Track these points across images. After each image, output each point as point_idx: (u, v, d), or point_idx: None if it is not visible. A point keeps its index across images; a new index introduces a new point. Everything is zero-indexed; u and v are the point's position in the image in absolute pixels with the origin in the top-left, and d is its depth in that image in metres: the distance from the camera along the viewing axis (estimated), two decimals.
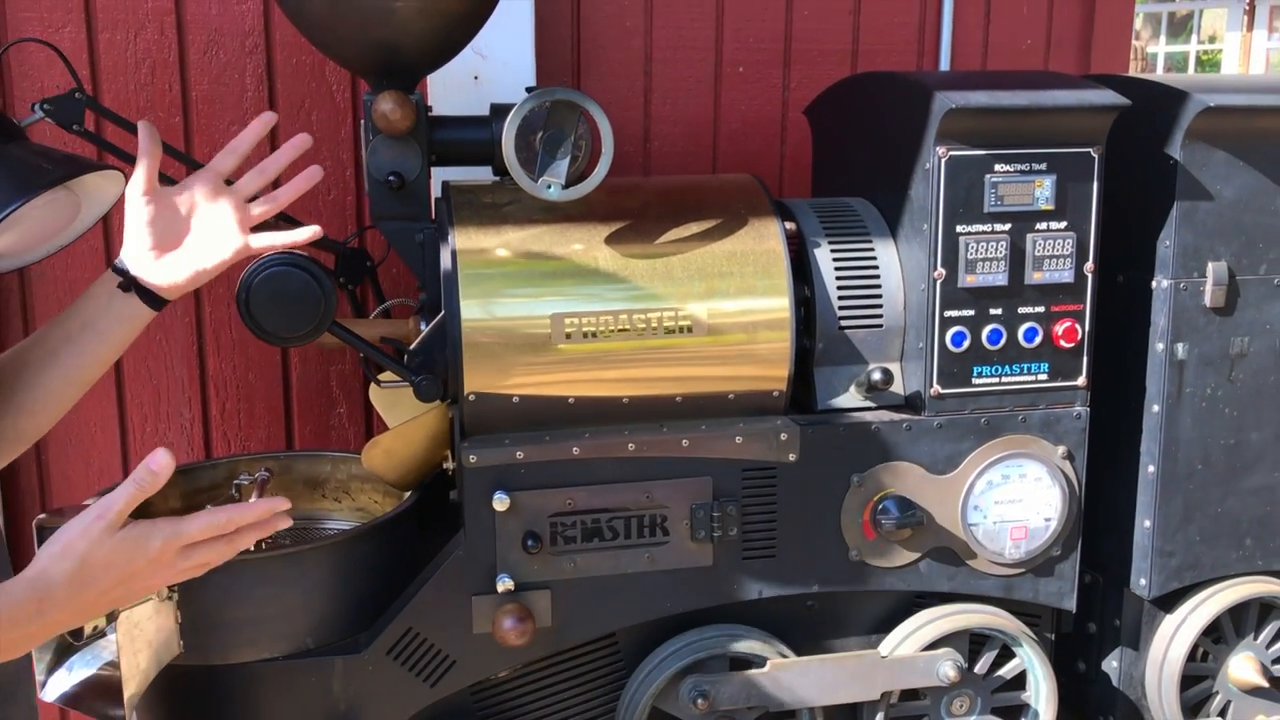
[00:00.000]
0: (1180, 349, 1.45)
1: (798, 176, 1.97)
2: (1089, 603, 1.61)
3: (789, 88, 2.00)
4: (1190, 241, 1.42)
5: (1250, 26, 10.83)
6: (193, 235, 1.15)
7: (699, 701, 1.36)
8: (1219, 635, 1.55)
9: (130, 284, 1.17)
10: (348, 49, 1.32)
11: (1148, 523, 1.49)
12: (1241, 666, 1.54)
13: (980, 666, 1.47)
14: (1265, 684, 1.54)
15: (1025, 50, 2.09)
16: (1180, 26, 11.29)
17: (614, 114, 1.89)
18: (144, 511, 1.44)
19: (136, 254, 1.16)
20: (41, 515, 1.18)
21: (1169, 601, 1.53)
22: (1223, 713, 1.56)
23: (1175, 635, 1.52)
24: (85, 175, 1.31)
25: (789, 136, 1.99)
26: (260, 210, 1.17)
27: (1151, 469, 1.48)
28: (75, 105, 1.41)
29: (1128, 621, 1.56)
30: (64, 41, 1.69)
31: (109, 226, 1.72)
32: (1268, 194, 1.43)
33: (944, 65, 2.05)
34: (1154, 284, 1.45)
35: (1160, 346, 1.45)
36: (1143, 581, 1.51)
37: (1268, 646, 1.56)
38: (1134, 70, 9.17)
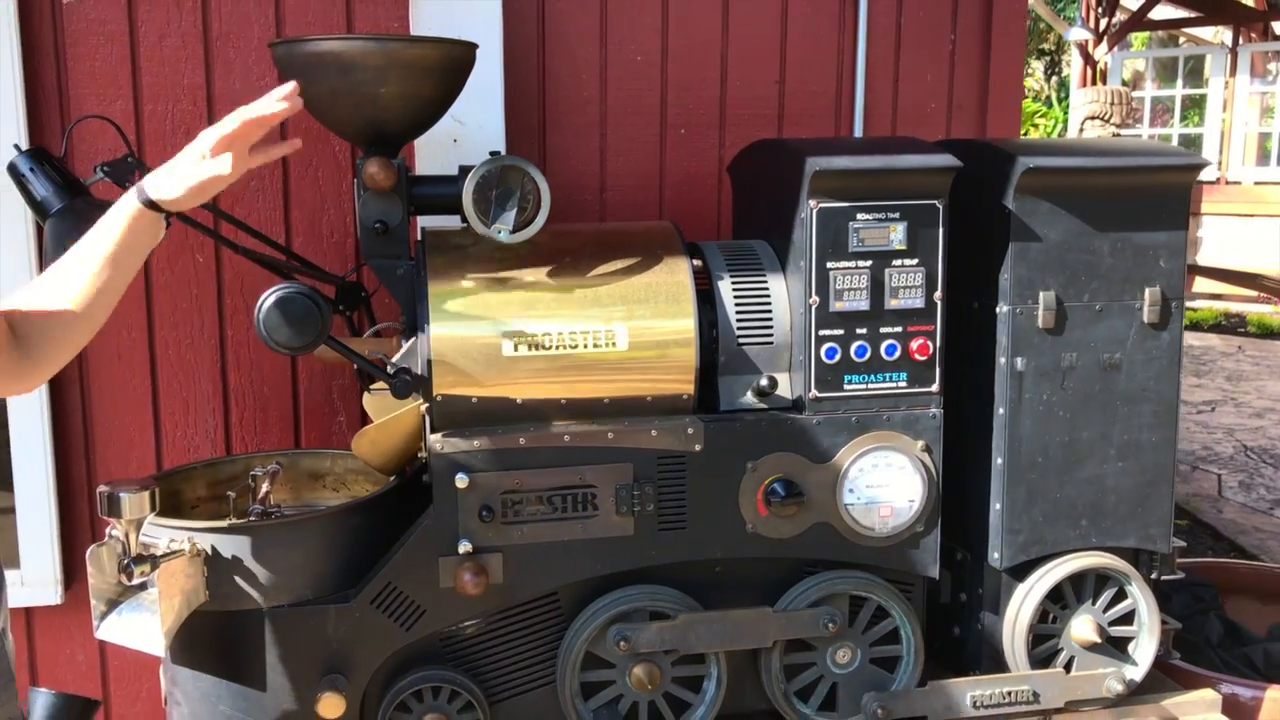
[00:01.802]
0: (1019, 362, 1.77)
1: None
2: (960, 577, 1.93)
3: (724, 146, 2.34)
4: (1024, 275, 1.75)
5: (1234, 71, 11.20)
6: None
7: (622, 644, 1.68)
8: (1064, 602, 1.86)
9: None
10: (343, 125, 1.68)
11: (998, 506, 1.81)
12: (1082, 627, 1.85)
13: (859, 623, 1.79)
14: (1101, 641, 1.85)
15: (930, 113, 2.43)
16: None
17: (574, 168, 2.27)
18: (176, 502, 1.78)
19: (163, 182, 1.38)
20: (102, 486, 1.50)
21: (1020, 572, 1.84)
22: (1067, 666, 1.87)
23: (1024, 600, 1.83)
24: None
25: (724, 188, 2.33)
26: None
27: (1000, 461, 1.80)
28: (128, 167, 1.77)
29: (989, 590, 1.87)
30: (115, 113, 2.04)
31: (148, 265, 2.07)
32: (1086, 237, 1.76)
33: (858, 127, 2.39)
34: (998, 309, 1.78)
35: (1003, 360, 1.78)
36: (996, 555, 1.83)
37: (1104, 610, 1.87)
38: (1117, 114, 9.43)
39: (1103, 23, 11.82)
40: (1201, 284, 9.86)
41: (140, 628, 1.58)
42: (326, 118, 1.69)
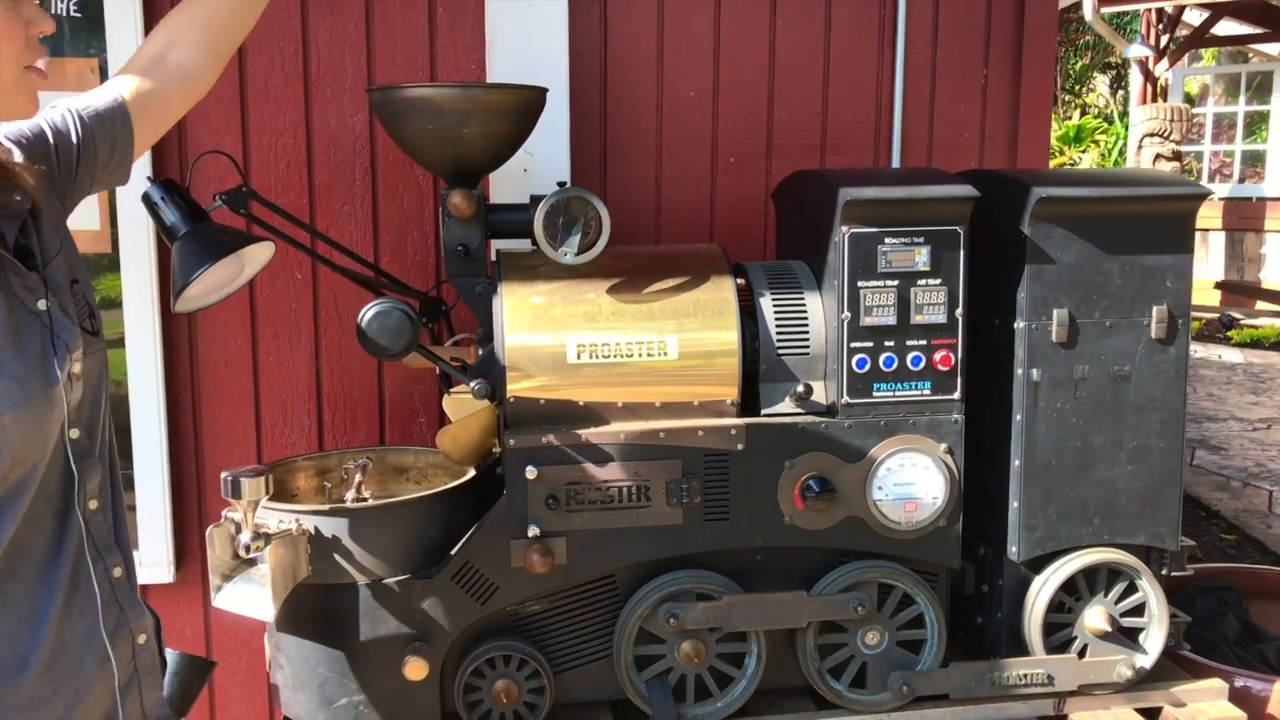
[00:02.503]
0: (1035, 373, 1.95)
1: None
2: (982, 569, 2.10)
3: (770, 173, 2.54)
4: (1039, 294, 1.93)
5: None
6: None
7: (671, 621, 1.88)
8: (1078, 594, 2.03)
9: None
10: (430, 160, 1.91)
11: (1016, 504, 1.98)
12: (1094, 617, 2.01)
13: (886, 608, 1.97)
14: (1112, 631, 2.01)
15: (963, 143, 2.61)
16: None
17: (632, 194, 2.48)
18: (281, 489, 2.02)
19: None
20: (225, 472, 1.74)
21: (1036, 566, 2.01)
22: (1081, 653, 2.03)
23: (1040, 591, 2.00)
24: (249, 246, 1.92)
25: (769, 211, 2.53)
26: None
27: (1017, 463, 1.98)
28: (242, 196, 2.01)
29: (1008, 582, 2.04)
30: (226, 146, 2.31)
31: (253, 281, 2.32)
32: (1096, 259, 1.93)
33: (895, 156, 2.57)
34: (1015, 325, 1.96)
35: (1020, 371, 1.95)
36: (1014, 549, 2.00)
37: (1116, 602, 2.03)
38: (1177, 131, 9.43)
39: (1163, 40, 11.80)
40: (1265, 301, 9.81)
41: (251, 598, 1.80)
42: (415, 154, 1.93)
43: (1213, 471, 6.04)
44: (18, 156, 1.23)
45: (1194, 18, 11.70)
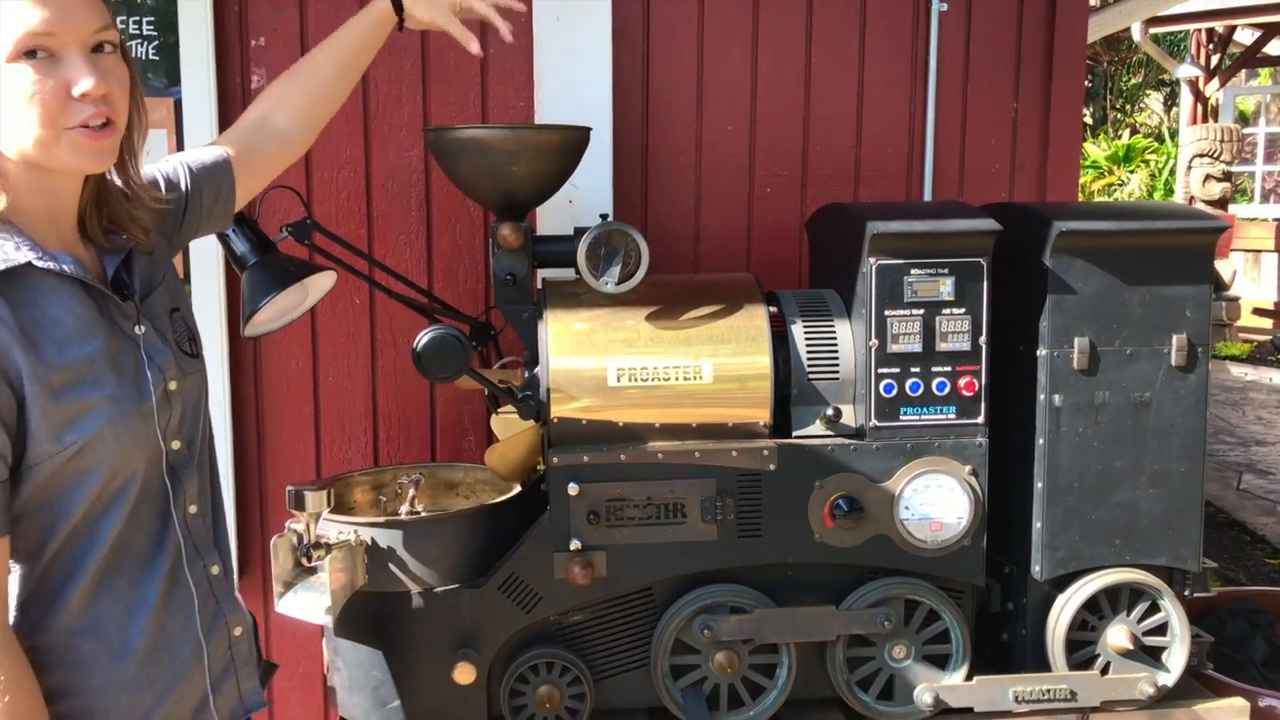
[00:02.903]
0: (1057, 399, 2.03)
1: None
2: (1007, 588, 2.18)
3: (805, 204, 2.64)
4: (1061, 323, 2.01)
5: None
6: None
7: (706, 633, 1.98)
8: (1101, 612, 2.09)
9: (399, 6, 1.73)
10: (481, 194, 2.04)
11: (1039, 525, 2.06)
12: (1117, 635, 2.08)
13: (913, 624, 2.05)
14: (1134, 649, 2.07)
15: (994, 174, 2.70)
16: None
17: (671, 224, 2.60)
18: (339, 503, 2.14)
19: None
20: (290, 486, 1.87)
21: (1060, 585, 2.08)
22: (1104, 670, 2.10)
23: (1063, 609, 2.07)
24: (313, 275, 2.06)
25: (804, 241, 2.63)
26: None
27: (1040, 485, 2.05)
28: (306, 228, 2.15)
29: (1032, 600, 2.11)
30: (292, 180, 2.45)
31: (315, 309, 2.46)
32: (1117, 290, 2.01)
33: (927, 188, 2.66)
34: (1038, 352, 2.04)
35: (1043, 397, 2.03)
36: (1037, 568, 2.07)
37: (1138, 621, 2.10)
38: (1227, 152, 9.38)
39: (1214, 59, 11.73)
40: None
41: (312, 605, 1.93)
42: (467, 189, 2.06)
43: (1259, 496, 6.00)
44: (135, 196, 1.35)
45: (1245, 37, 11.62)
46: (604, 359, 1.97)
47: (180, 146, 2.38)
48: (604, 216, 2.06)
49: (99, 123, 1.22)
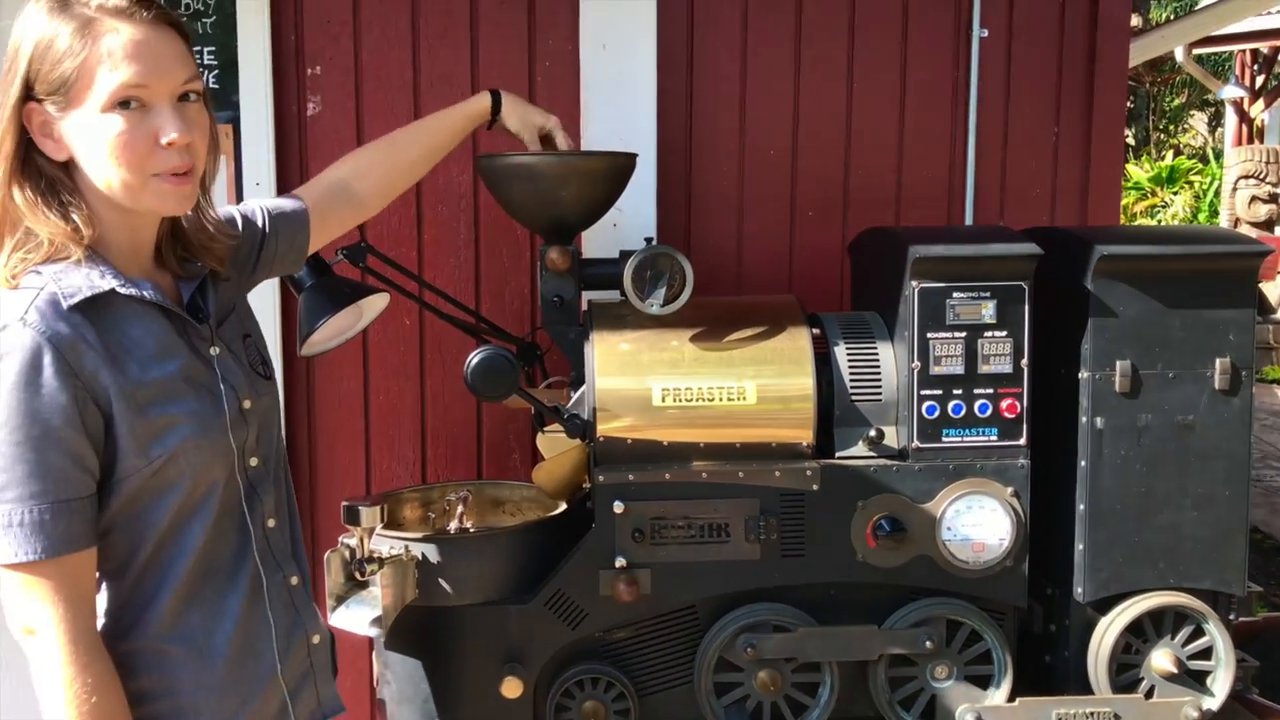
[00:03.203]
0: (1099, 421, 2.04)
1: None
2: (1050, 609, 2.18)
3: (847, 227, 2.66)
4: (1102, 346, 2.02)
5: None
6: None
7: (749, 651, 2.00)
8: (1145, 635, 2.09)
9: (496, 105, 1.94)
10: (530, 219, 2.09)
11: (1081, 546, 2.06)
12: (1161, 659, 2.07)
13: (955, 644, 2.06)
14: (1179, 673, 2.07)
15: (1035, 197, 2.71)
16: None
17: (714, 247, 2.64)
18: (393, 517, 2.19)
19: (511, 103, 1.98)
20: (345, 501, 1.92)
21: (1103, 607, 2.08)
22: (1148, 693, 2.09)
23: (1106, 632, 2.07)
24: (367, 297, 2.12)
25: (846, 264, 2.66)
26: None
27: (1082, 507, 2.06)
28: (360, 251, 2.21)
29: (1075, 622, 2.11)
30: None
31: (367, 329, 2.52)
32: (1158, 313, 2.02)
33: (968, 211, 2.68)
34: (1079, 375, 2.05)
35: (1085, 419, 2.04)
36: (1080, 590, 2.08)
37: (1183, 645, 2.09)
38: (1273, 174, 9.27)
39: (1258, 80, 11.63)
40: None
41: (363, 618, 1.97)
42: (516, 214, 2.11)
43: None
44: (212, 230, 1.44)
45: None
46: (649, 379, 2.01)
47: (239, 172, 2.46)
48: (649, 240, 2.10)
49: (182, 170, 1.30)
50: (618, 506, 1.97)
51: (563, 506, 2.14)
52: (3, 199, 1.23)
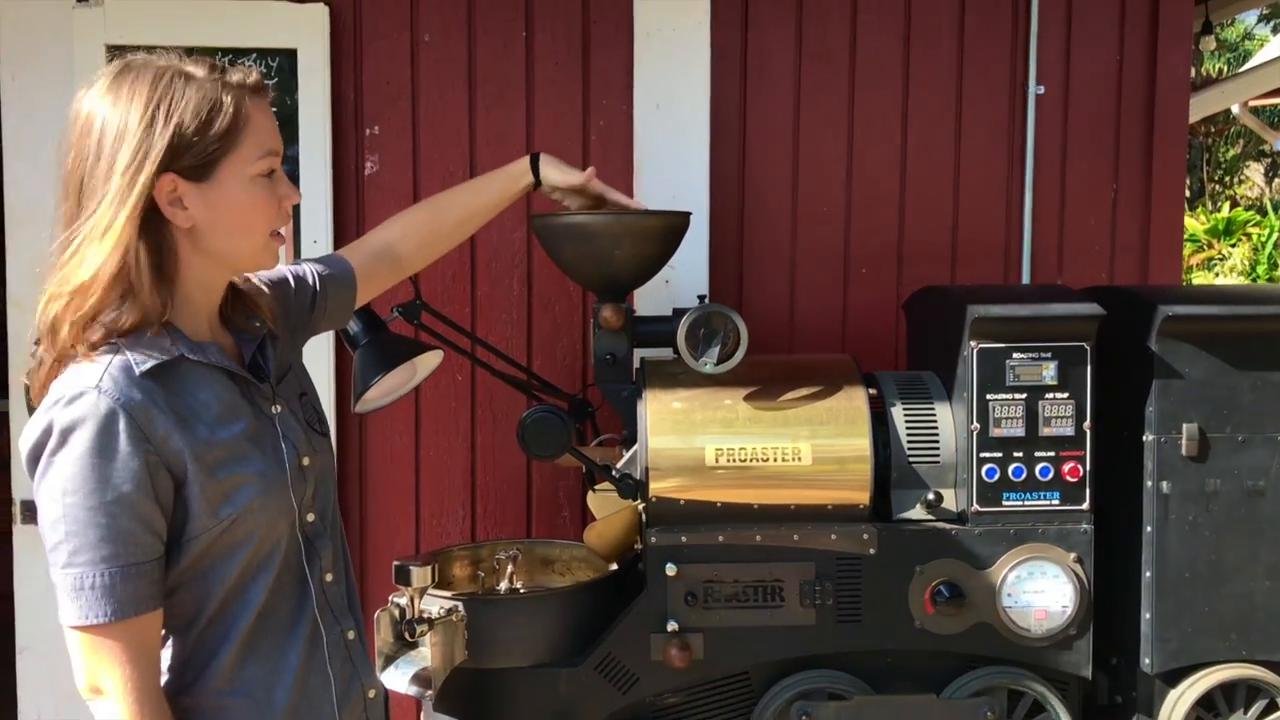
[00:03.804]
0: (1165, 486, 1.98)
1: None
2: (1116, 680, 2.11)
3: (902, 284, 2.64)
4: (1168, 408, 1.97)
5: None
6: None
7: (804, 719, 1.96)
8: (1216, 709, 2.02)
9: (536, 170, 1.93)
10: (583, 278, 2.09)
11: (1148, 615, 2.00)
12: None
13: (1016, 715, 2.00)
14: None
15: (1093, 255, 2.67)
16: None
17: (767, 303, 2.63)
18: (442, 575, 2.18)
19: (549, 162, 1.95)
20: (396, 561, 1.92)
21: (1172, 678, 2.01)
22: None
23: (1176, 705, 1.99)
24: (421, 354, 2.13)
25: (901, 320, 2.63)
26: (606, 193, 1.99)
27: (1148, 574, 2.00)
28: (415, 309, 2.23)
29: (1142, 695, 2.04)
30: None
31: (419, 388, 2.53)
32: (1226, 374, 1.97)
33: (1025, 268, 2.65)
34: (1144, 438, 2.00)
35: (1150, 484, 1.99)
36: (1147, 661, 2.01)
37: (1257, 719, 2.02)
38: None
39: None
40: None
41: (412, 679, 1.97)
42: (570, 271, 2.11)
43: None
44: (265, 290, 1.50)
45: None
46: (702, 439, 1.99)
47: (297, 229, 2.50)
48: (702, 298, 2.09)
49: (285, 230, 1.42)
50: (670, 569, 1.95)
51: (614, 567, 2.12)
52: (124, 268, 1.25)
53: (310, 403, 1.49)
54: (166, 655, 1.33)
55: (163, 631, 1.31)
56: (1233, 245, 13.37)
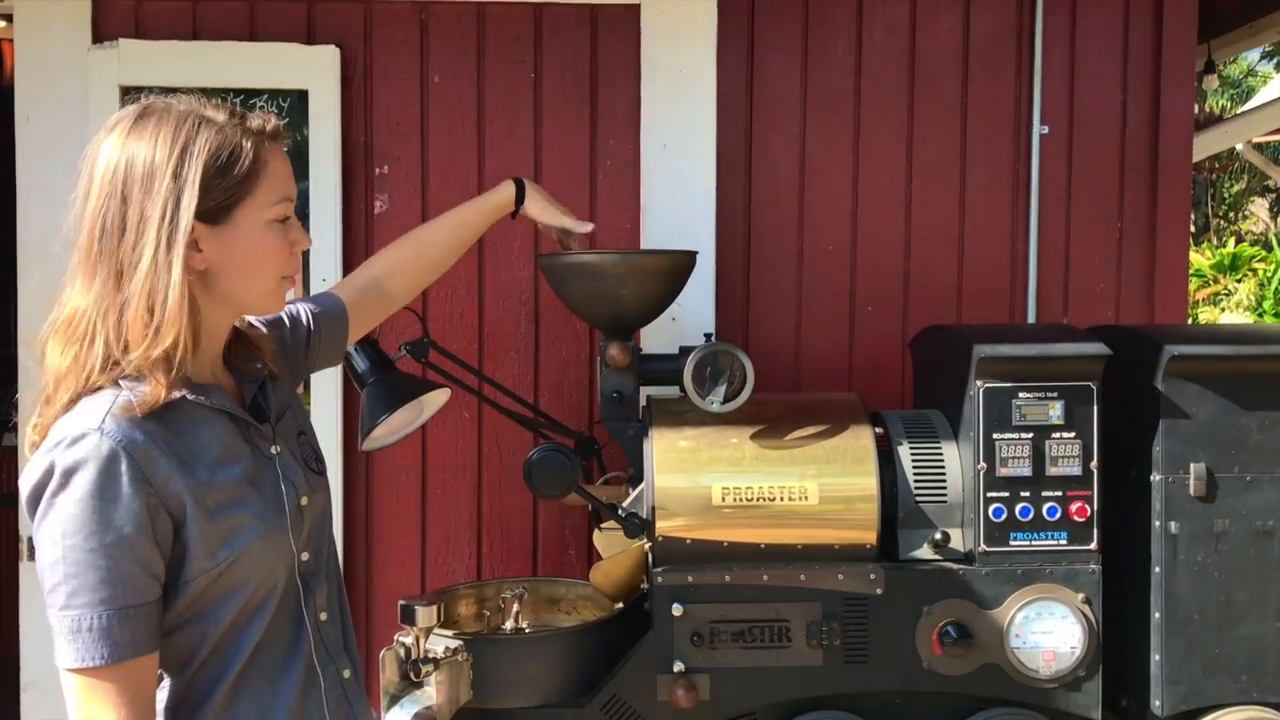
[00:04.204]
0: (1173, 526, 1.97)
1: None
2: None
3: (907, 323, 2.64)
4: (1175, 448, 1.97)
5: None
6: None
7: None
8: None
9: (520, 195, 1.95)
10: (590, 316, 2.11)
11: (1158, 657, 1.98)
12: None
13: None
14: None
15: (1099, 293, 2.67)
16: None
17: (773, 342, 2.63)
18: (447, 614, 2.17)
19: (533, 194, 1.98)
20: (402, 600, 1.91)
21: None
22: None
23: None
24: (429, 392, 2.14)
25: (907, 359, 2.63)
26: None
27: (1157, 615, 1.98)
28: (423, 346, 2.24)
29: None
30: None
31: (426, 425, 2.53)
32: (1233, 414, 1.96)
33: (1030, 307, 2.65)
34: (1152, 478, 1.99)
35: (1158, 524, 1.98)
36: (1157, 703, 1.99)
37: None
38: None
39: None
40: None
41: (418, 718, 1.96)
42: (578, 310, 2.13)
43: None
44: (264, 331, 1.50)
45: None
46: (708, 478, 1.99)
47: (306, 265, 2.51)
48: (708, 336, 2.10)
49: (294, 272, 1.42)
50: (676, 609, 1.94)
51: (620, 607, 2.11)
52: (188, 322, 1.26)
53: (308, 441, 1.49)
54: (161, 696, 1.32)
55: (159, 672, 1.30)
56: (1238, 280, 13.37)
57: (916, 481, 2.01)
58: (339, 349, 1.72)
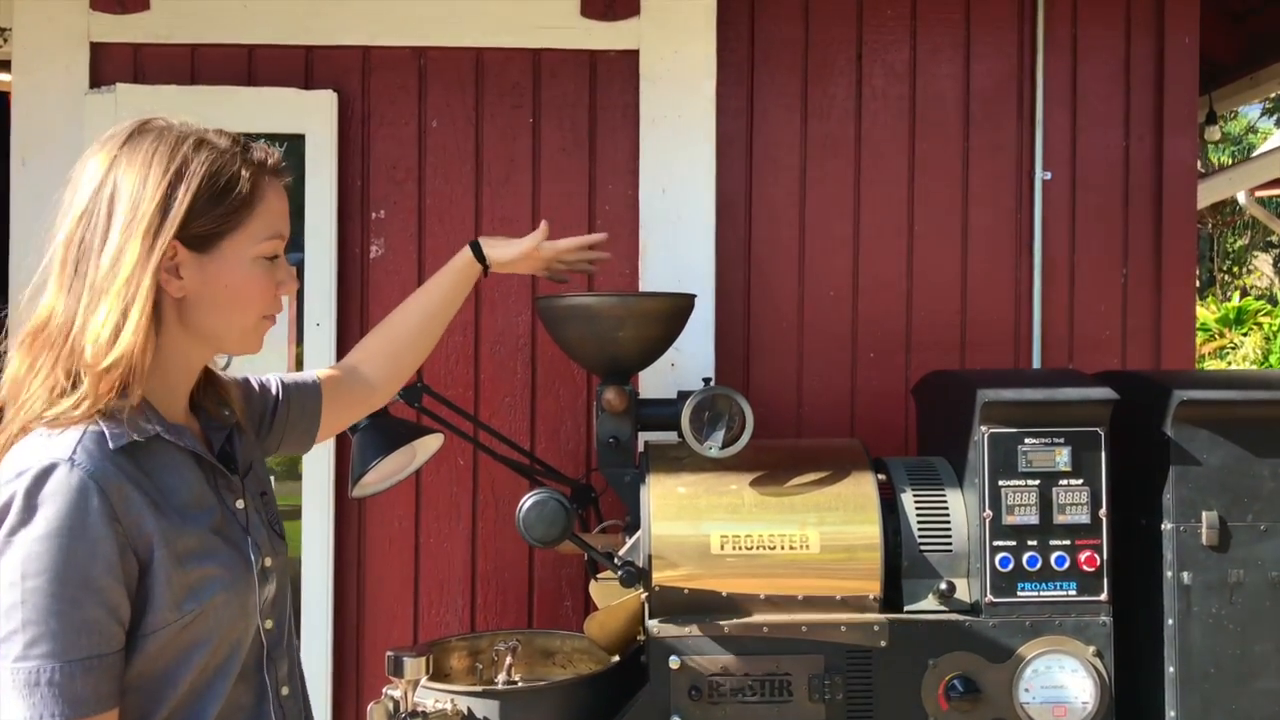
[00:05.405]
0: (1185, 576, 1.91)
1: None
2: None
3: (910, 368, 2.61)
4: (1186, 495, 1.92)
5: None
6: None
7: None
8: None
9: (480, 255, 1.85)
10: (587, 360, 2.07)
11: (1173, 713, 1.91)
12: None
13: None
14: None
15: (1104, 340, 2.64)
16: None
17: (773, 387, 2.59)
18: (439, 667, 2.11)
19: (492, 241, 1.89)
20: (389, 651, 1.86)
21: None
22: None
23: None
24: (421, 438, 2.09)
25: (910, 404, 2.59)
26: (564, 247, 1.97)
27: (1172, 670, 1.92)
28: (417, 391, 2.20)
29: None
30: None
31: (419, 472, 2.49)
32: (1247, 461, 1.91)
33: (1036, 354, 2.61)
34: (1163, 526, 1.94)
35: (1170, 574, 1.92)
36: None
37: None
38: None
39: None
40: None
41: None
42: (574, 353, 2.09)
43: None
44: (235, 380, 1.45)
45: None
46: (707, 525, 1.94)
47: (300, 311, 2.48)
48: (707, 380, 2.06)
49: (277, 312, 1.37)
50: (674, 662, 1.88)
51: (615, 660, 2.05)
52: (146, 341, 1.20)
53: (271, 502, 1.42)
54: None
55: None
56: (1244, 334, 13.33)
57: (921, 530, 1.96)
58: (311, 427, 1.63)
